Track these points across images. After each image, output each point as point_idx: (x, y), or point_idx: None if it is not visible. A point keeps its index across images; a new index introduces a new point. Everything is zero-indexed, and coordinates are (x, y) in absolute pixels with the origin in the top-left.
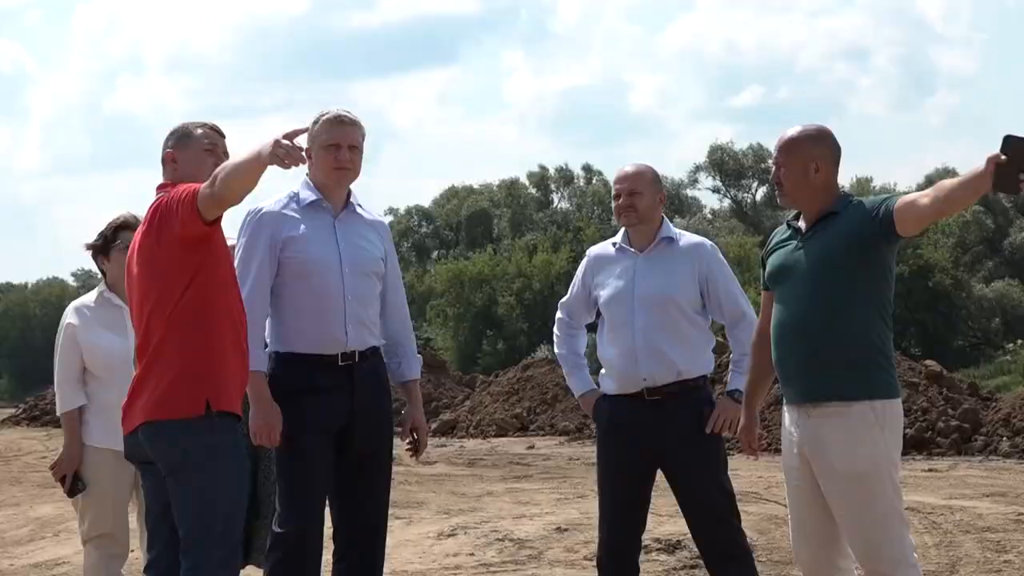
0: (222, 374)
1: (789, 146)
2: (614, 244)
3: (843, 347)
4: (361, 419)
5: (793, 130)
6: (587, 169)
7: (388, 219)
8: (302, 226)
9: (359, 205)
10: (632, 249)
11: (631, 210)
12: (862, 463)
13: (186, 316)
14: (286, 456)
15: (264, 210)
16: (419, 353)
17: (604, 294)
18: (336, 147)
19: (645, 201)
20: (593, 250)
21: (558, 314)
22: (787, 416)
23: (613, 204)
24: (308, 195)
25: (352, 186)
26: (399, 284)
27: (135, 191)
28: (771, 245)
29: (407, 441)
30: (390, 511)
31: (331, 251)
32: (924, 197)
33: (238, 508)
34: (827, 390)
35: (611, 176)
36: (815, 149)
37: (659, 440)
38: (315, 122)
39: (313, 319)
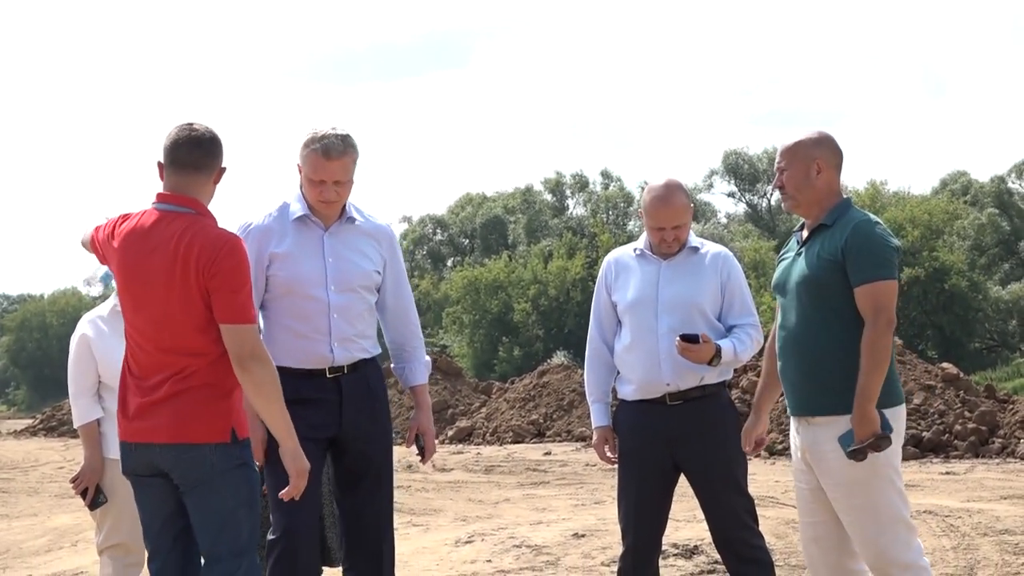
0: (242, 403)
1: (791, 148)
2: (635, 250)
3: (833, 363)
4: (351, 429)
5: (795, 134)
6: (605, 175)
7: (403, 227)
8: (288, 242)
9: (359, 214)
10: (655, 255)
11: (676, 243)
12: (860, 469)
13: (223, 348)
14: (274, 465)
15: (253, 225)
16: (432, 359)
17: (626, 298)
18: (321, 183)
19: (687, 230)
20: (613, 254)
21: (590, 344)
22: (792, 422)
23: (650, 232)
24: (297, 209)
25: (359, 196)
26: (403, 290)
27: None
28: (780, 254)
29: (415, 445)
30: (408, 519)
31: (316, 268)
32: (866, 316)
33: (257, 520)
34: (819, 405)
35: (628, 181)
36: (816, 150)
37: (681, 444)
38: (305, 144)
39: (299, 337)
